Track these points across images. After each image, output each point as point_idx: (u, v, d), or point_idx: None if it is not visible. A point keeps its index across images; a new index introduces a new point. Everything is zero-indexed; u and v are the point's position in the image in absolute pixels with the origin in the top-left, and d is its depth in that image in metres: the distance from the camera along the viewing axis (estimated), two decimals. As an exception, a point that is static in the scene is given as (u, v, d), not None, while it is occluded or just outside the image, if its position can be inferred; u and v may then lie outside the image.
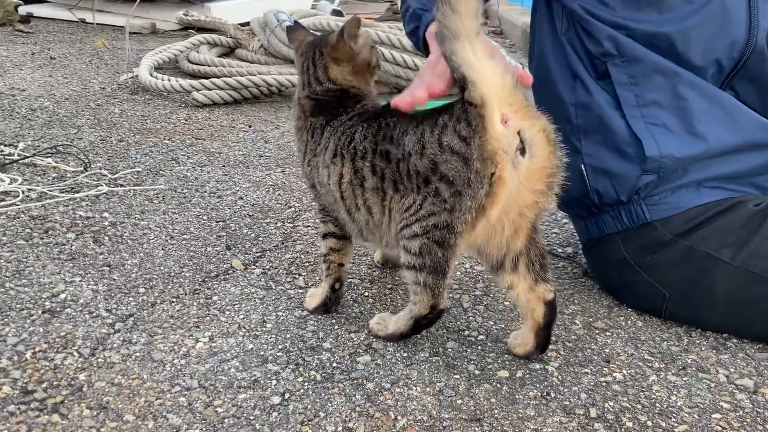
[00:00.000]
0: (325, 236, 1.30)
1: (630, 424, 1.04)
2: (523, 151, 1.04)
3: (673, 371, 1.17)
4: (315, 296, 1.32)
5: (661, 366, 1.19)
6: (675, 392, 1.12)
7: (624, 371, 1.17)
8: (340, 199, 1.21)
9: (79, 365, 1.13)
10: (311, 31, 1.44)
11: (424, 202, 1.09)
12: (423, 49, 1.32)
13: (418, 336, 1.22)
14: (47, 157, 2.03)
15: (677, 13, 1.25)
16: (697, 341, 1.27)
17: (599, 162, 1.32)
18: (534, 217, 1.12)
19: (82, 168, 1.97)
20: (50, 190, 1.80)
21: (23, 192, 1.77)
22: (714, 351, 1.24)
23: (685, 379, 1.15)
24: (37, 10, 4.64)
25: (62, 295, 1.32)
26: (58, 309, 1.28)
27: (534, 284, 1.15)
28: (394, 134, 1.13)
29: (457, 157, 1.05)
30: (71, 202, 1.75)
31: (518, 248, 1.13)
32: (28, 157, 2.00)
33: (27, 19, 4.37)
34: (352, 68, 1.27)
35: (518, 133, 1.04)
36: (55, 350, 1.16)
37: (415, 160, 1.08)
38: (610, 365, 1.19)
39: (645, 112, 1.28)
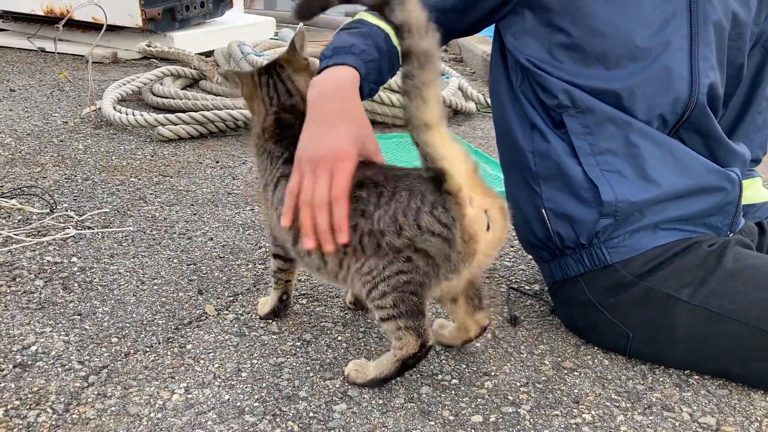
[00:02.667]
0: (274, 255, 1.40)
1: (600, 467, 1.07)
2: (487, 227, 1.14)
3: (639, 410, 1.22)
4: (266, 305, 1.46)
5: (628, 405, 1.23)
6: (642, 432, 1.16)
7: (593, 412, 1.21)
8: (293, 241, 1.26)
9: (54, 422, 1.12)
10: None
11: (390, 264, 1.14)
12: None
13: (393, 382, 1.25)
14: (11, 198, 2.00)
15: (623, 71, 1.31)
16: (661, 379, 1.31)
17: (559, 207, 1.37)
18: (478, 273, 1.24)
19: (48, 209, 1.96)
20: (16, 234, 1.78)
21: (-12, 237, 1.74)
22: (677, 389, 1.28)
23: (651, 418, 1.20)
24: (-6, 38, 4.57)
25: (33, 348, 1.31)
26: (30, 362, 1.27)
27: (472, 313, 1.30)
28: (360, 204, 1.17)
29: (438, 238, 1.12)
30: (38, 247, 1.74)
31: (459, 291, 1.26)
32: (-9, 200, 1.97)
33: (-16, 48, 4.31)
34: (309, 80, 1.32)
35: (485, 211, 1.13)
36: (28, 407, 1.15)
37: (391, 238, 1.13)
38: (579, 406, 1.22)
39: (600, 159, 1.33)
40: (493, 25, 1.46)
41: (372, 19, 1.36)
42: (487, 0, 1.38)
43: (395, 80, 2.77)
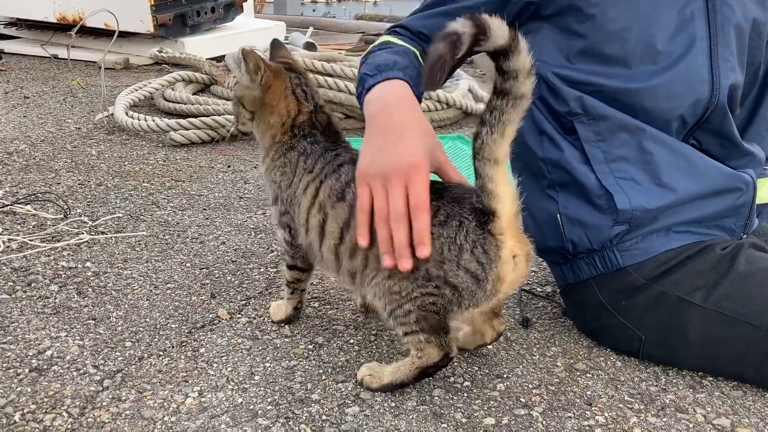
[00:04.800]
0: (291, 267, 1.40)
1: (613, 469, 1.07)
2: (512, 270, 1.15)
3: (652, 412, 1.21)
4: (279, 311, 1.46)
5: (641, 407, 1.23)
6: (655, 434, 1.16)
7: (606, 414, 1.21)
8: (335, 243, 1.25)
9: (69, 426, 1.13)
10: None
11: (419, 288, 1.15)
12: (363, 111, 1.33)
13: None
14: (26, 204, 2.03)
15: (643, 70, 1.31)
16: (674, 380, 1.31)
17: (574, 213, 1.37)
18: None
19: (62, 215, 1.97)
20: (31, 240, 1.80)
21: (4, 242, 1.76)
22: (691, 390, 1.28)
23: (664, 419, 1.19)
24: (8, 46, 4.63)
25: (48, 352, 1.33)
26: (45, 367, 1.28)
27: (490, 319, 1.29)
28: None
29: (469, 276, 1.13)
30: (53, 252, 1.75)
31: None
32: (7, 206, 1.99)
33: (-2, 55, 4.36)
34: None
35: (514, 257, 1.14)
36: (44, 411, 1.16)
37: (431, 267, 1.14)
38: (592, 408, 1.22)
39: (613, 167, 1.33)
40: None
41: (398, 40, 1.38)
42: (512, 7, 1.38)
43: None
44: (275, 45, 1.45)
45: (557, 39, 1.36)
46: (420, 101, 1.30)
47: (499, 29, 1.02)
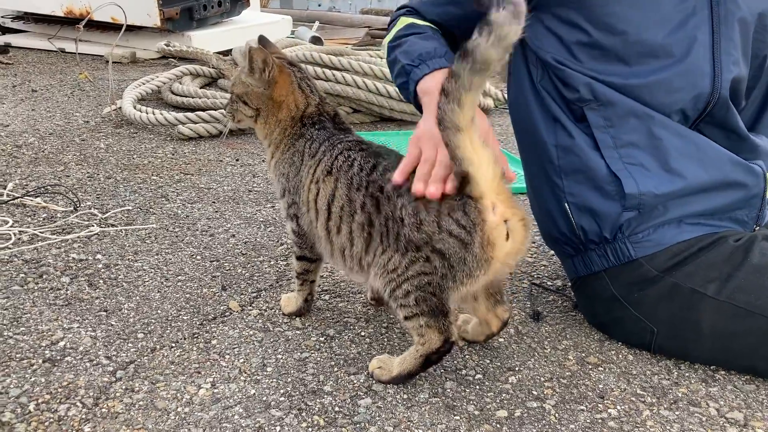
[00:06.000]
0: (300, 258, 1.41)
1: (627, 462, 1.07)
2: (506, 237, 1.15)
3: (665, 406, 1.21)
4: (290, 304, 1.47)
5: (654, 401, 1.23)
6: (668, 427, 1.15)
7: (618, 407, 1.20)
8: (325, 219, 1.28)
9: (84, 416, 1.13)
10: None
11: (412, 264, 1.17)
12: (413, 101, 1.40)
13: (417, 377, 1.25)
14: (36, 197, 2.03)
15: (643, 67, 1.30)
16: (687, 374, 1.31)
17: (582, 200, 1.37)
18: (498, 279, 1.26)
19: (72, 208, 1.98)
20: (42, 232, 1.80)
21: (15, 234, 1.77)
22: (703, 384, 1.28)
23: (677, 413, 1.19)
24: (15, 40, 4.63)
25: (61, 343, 1.33)
26: (58, 357, 1.29)
27: (493, 307, 1.31)
28: (387, 187, 1.21)
29: (454, 239, 1.14)
30: (63, 244, 1.76)
31: (479, 291, 1.28)
32: (17, 198, 2.00)
33: (5, 49, 4.37)
34: None
35: (505, 221, 1.15)
36: (58, 401, 1.16)
37: (409, 231, 1.16)
38: (605, 401, 1.22)
39: (622, 152, 1.33)
40: None
41: (419, 21, 1.44)
42: None
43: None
44: (263, 41, 1.46)
45: (559, 31, 1.36)
46: None
47: None
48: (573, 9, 1.33)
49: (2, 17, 4.94)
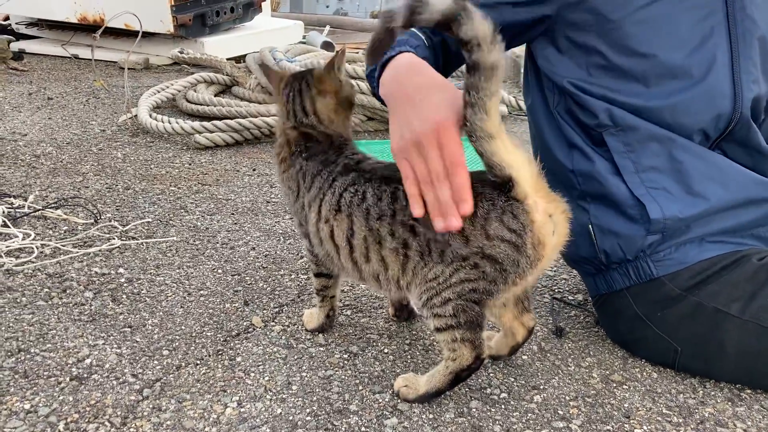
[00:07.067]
0: (318, 275, 1.41)
1: (655, 485, 1.07)
2: (552, 231, 1.14)
3: (692, 426, 1.21)
4: (312, 320, 1.47)
5: (680, 420, 1.22)
6: (695, 449, 1.15)
7: (645, 427, 1.20)
8: (347, 252, 1.25)
9: (112, 436, 1.14)
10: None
11: (456, 271, 1.13)
12: (376, 91, 1.32)
13: (442, 396, 1.25)
14: (57, 208, 2.04)
15: (663, 88, 1.30)
16: (712, 393, 1.31)
17: (606, 223, 1.37)
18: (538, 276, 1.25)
19: (93, 220, 1.99)
20: (63, 245, 1.82)
21: (38, 248, 1.78)
22: (730, 403, 1.27)
23: (703, 434, 1.19)
24: (29, 46, 4.66)
25: (87, 360, 1.34)
26: (85, 375, 1.29)
27: (519, 315, 1.31)
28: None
29: (506, 244, 1.11)
30: (86, 258, 1.77)
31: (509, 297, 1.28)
32: (38, 210, 2.01)
33: (20, 56, 4.39)
34: (335, 103, 1.33)
35: (550, 216, 1.13)
36: (86, 420, 1.17)
37: (457, 247, 1.12)
38: (631, 421, 1.22)
39: (644, 177, 1.33)
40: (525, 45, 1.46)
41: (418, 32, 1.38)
42: (517, 18, 1.37)
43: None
44: (264, 67, 1.47)
45: (574, 54, 1.36)
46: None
47: None
48: (589, 32, 1.33)
49: (17, 24, 4.97)
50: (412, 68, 1.20)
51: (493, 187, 1.12)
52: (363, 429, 1.17)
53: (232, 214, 2.12)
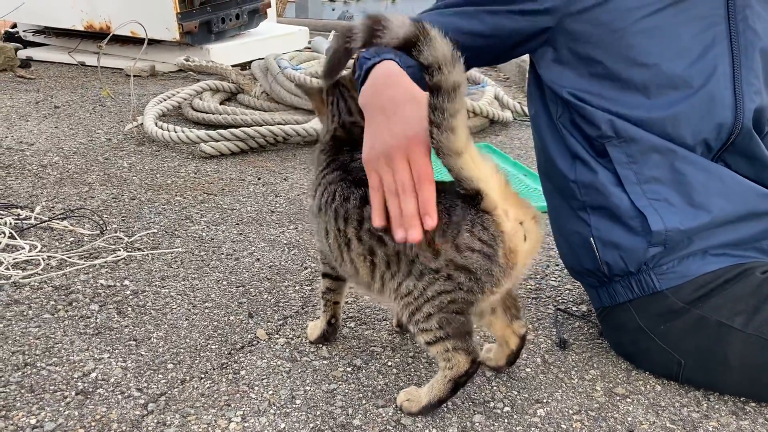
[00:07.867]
0: (323, 275, 1.42)
1: (658, 500, 1.07)
2: (524, 238, 1.16)
3: (695, 440, 1.21)
4: (315, 329, 1.48)
5: (683, 435, 1.22)
6: (699, 464, 1.15)
7: (648, 442, 1.20)
8: (328, 251, 1.31)
9: (117, 451, 1.15)
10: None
11: (430, 285, 1.15)
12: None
13: (445, 410, 1.26)
14: (63, 219, 2.06)
15: (664, 99, 1.30)
16: (716, 406, 1.30)
17: (607, 235, 1.37)
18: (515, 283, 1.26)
19: (99, 231, 2.00)
20: (69, 257, 1.83)
21: (44, 260, 1.79)
22: (734, 416, 1.27)
23: (707, 448, 1.19)
24: (36, 53, 4.69)
25: (93, 374, 1.35)
26: (90, 389, 1.30)
27: (510, 322, 1.32)
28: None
29: (478, 254, 1.13)
30: (91, 270, 1.78)
31: (497, 303, 1.29)
32: (45, 221, 2.02)
33: (27, 63, 4.42)
34: None
35: (521, 223, 1.15)
36: (92, 436, 1.18)
37: (428, 260, 1.14)
38: (634, 435, 1.22)
39: (646, 188, 1.33)
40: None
41: None
42: (518, 27, 1.37)
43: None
44: (301, 87, 1.51)
45: (575, 64, 1.36)
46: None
47: (398, 21, 1.02)
48: (591, 43, 1.33)
49: (24, 31, 5.00)
50: (390, 79, 1.20)
51: (462, 199, 1.14)
52: (366, 444, 1.18)
53: (237, 224, 2.13)
